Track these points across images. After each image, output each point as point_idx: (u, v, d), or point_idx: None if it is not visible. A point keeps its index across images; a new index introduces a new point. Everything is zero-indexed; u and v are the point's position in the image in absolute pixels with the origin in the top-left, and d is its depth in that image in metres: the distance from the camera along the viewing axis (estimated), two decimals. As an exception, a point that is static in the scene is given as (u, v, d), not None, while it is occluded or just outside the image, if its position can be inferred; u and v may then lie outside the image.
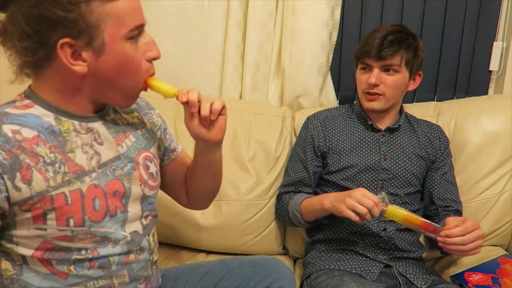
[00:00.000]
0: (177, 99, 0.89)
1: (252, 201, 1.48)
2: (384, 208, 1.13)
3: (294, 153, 1.47)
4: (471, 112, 1.56)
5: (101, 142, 0.87)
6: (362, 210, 1.11)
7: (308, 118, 1.47)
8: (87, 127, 0.85)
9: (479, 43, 1.75)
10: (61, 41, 0.75)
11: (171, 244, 1.53)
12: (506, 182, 1.49)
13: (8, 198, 0.76)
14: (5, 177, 0.74)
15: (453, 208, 1.38)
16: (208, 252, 1.53)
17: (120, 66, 0.81)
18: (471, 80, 1.78)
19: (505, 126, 1.51)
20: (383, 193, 1.16)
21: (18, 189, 0.76)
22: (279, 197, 1.47)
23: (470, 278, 1.26)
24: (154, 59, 0.86)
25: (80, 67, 0.78)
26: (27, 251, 0.81)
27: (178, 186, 1.12)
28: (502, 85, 1.75)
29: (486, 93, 1.79)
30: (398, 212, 1.14)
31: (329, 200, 1.22)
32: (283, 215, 1.44)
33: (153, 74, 0.87)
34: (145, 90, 0.88)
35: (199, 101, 0.90)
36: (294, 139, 1.54)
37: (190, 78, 1.71)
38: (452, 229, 1.11)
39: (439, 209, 1.38)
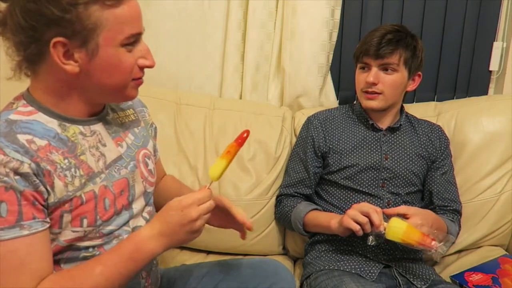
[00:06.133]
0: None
1: (252, 201, 1.48)
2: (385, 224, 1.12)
3: (294, 154, 1.47)
4: (471, 112, 1.56)
5: (104, 144, 0.88)
6: (363, 219, 1.13)
7: (308, 119, 1.47)
8: (90, 130, 0.86)
9: (479, 43, 1.75)
10: (55, 39, 0.74)
11: (171, 244, 1.53)
12: (506, 182, 1.49)
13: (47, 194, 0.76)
14: (39, 178, 0.75)
15: (451, 208, 1.38)
16: (208, 252, 1.52)
17: (111, 69, 0.80)
18: (471, 80, 1.78)
19: (505, 126, 1.52)
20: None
21: (48, 192, 0.76)
22: (279, 198, 1.47)
23: (470, 278, 1.27)
24: (147, 67, 0.85)
25: (71, 66, 0.77)
26: None
27: None
28: (502, 85, 1.75)
29: (486, 93, 1.79)
30: (399, 224, 1.11)
31: (336, 221, 1.22)
32: (283, 219, 1.44)
33: (139, 78, 0.86)
34: (138, 86, 0.87)
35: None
36: (294, 139, 1.54)
37: (190, 78, 1.71)
38: None
39: (437, 208, 1.38)
